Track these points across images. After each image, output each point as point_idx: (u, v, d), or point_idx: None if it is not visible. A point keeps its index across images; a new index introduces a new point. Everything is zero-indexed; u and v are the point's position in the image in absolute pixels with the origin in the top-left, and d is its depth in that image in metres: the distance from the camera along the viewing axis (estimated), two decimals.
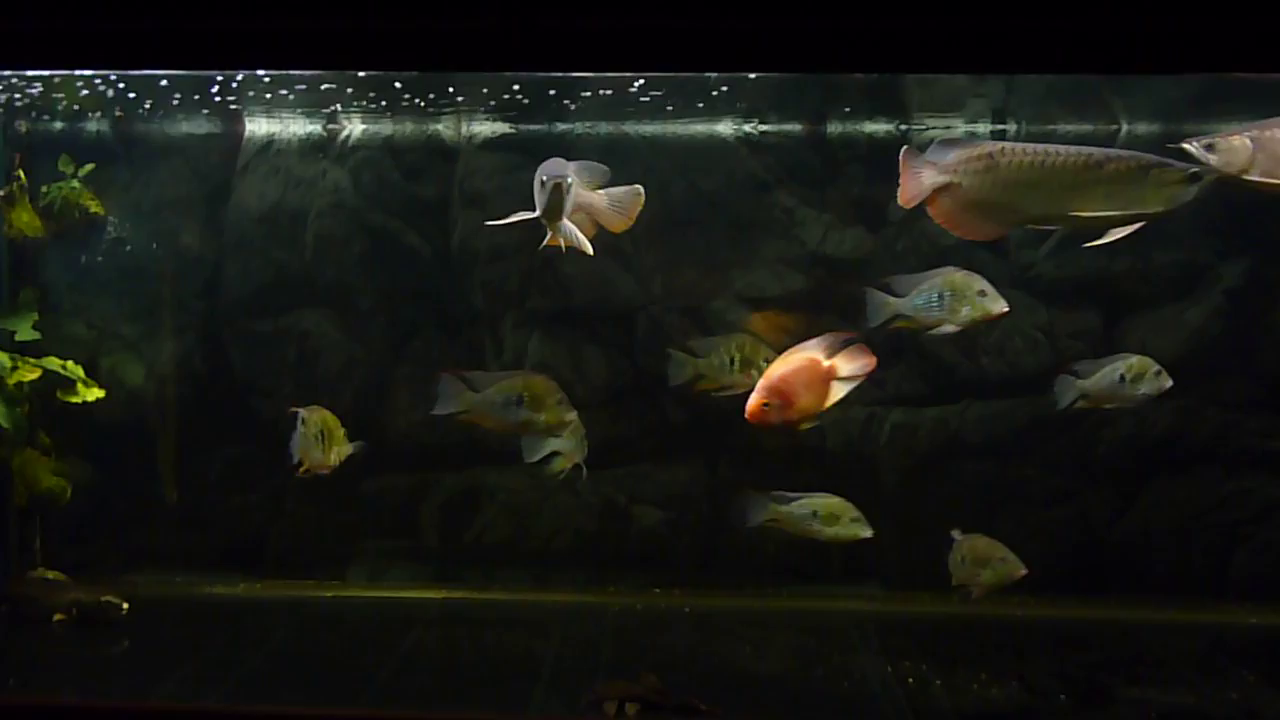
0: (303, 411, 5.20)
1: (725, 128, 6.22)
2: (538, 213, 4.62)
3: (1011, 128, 6.12)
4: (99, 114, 6.29)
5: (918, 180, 4.35)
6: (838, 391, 4.71)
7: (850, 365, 4.72)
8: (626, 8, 3.51)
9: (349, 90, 5.77)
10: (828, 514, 5.22)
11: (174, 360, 6.47)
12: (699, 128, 6.20)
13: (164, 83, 5.62)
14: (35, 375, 6.00)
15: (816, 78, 5.59)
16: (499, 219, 4.94)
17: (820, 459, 6.20)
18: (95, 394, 6.15)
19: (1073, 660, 5.30)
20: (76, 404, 6.10)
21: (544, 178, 4.56)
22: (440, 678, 5.00)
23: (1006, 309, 5.01)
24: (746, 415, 4.60)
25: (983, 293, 5.04)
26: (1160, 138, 5.92)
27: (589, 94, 5.75)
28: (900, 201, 4.45)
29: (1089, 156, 4.22)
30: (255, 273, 6.40)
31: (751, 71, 4.98)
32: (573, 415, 4.96)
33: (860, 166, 6.25)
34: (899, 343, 6.26)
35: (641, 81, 5.47)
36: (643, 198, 4.86)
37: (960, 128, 6.12)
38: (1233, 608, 5.95)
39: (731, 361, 5.32)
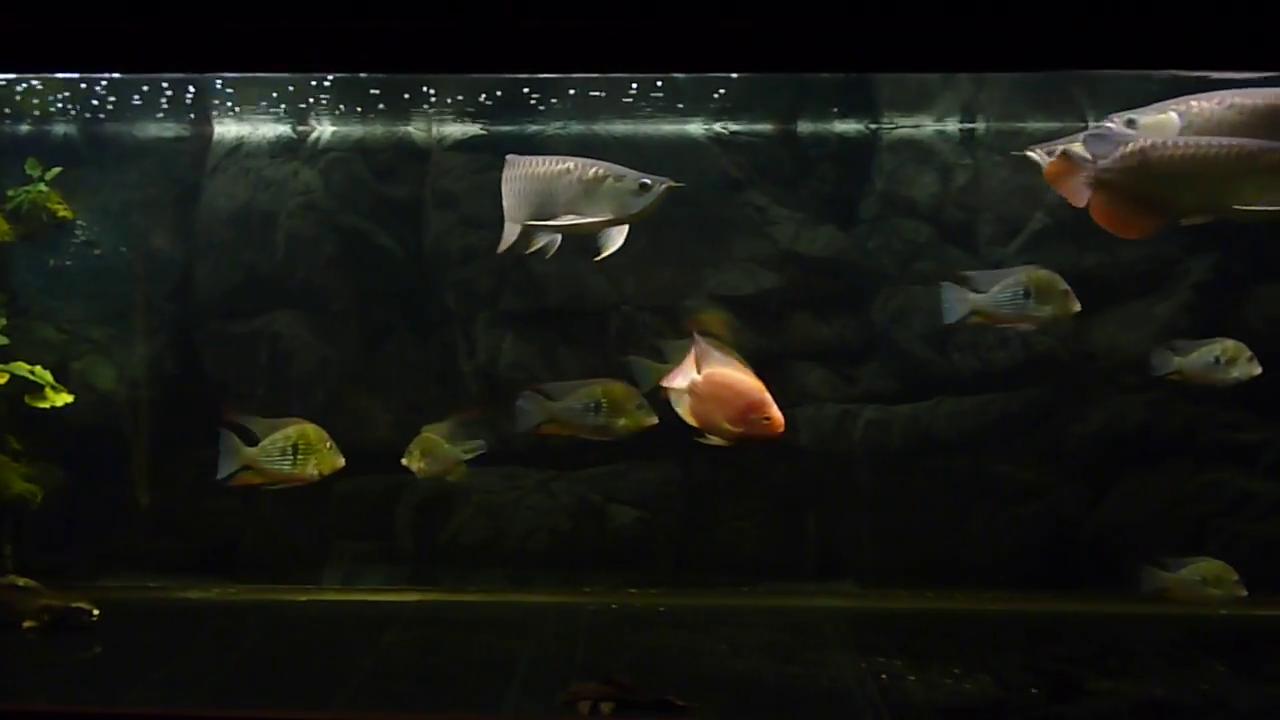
0: (251, 423, 5.12)
1: (696, 127, 6.23)
2: (630, 215, 4.55)
3: (980, 125, 6.16)
4: (66, 116, 6.24)
5: (1078, 178, 4.30)
6: None
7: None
8: (598, 9, 3.51)
9: (319, 91, 5.75)
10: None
11: (145, 363, 6.43)
12: (670, 127, 6.21)
13: (132, 84, 5.59)
14: (3, 380, 5.95)
15: (787, 77, 5.62)
16: (566, 225, 4.78)
17: (794, 457, 6.22)
18: (64, 399, 6.09)
19: (1045, 653, 5.33)
20: (45, 409, 6.05)
21: (647, 180, 4.47)
22: (415, 680, 4.98)
23: (1079, 309, 5.06)
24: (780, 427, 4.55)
25: (1065, 292, 5.11)
26: None
27: (561, 94, 5.76)
28: (1074, 203, 4.37)
29: (1243, 148, 4.13)
30: (226, 274, 6.37)
31: (722, 72, 5.00)
32: (653, 419, 4.95)
33: (831, 165, 6.28)
34: (871, 340, 6.30)
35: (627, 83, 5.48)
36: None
37: (929, 126, 6.16)
38: None
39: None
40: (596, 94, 5.72)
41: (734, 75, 5.32)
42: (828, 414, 6.24)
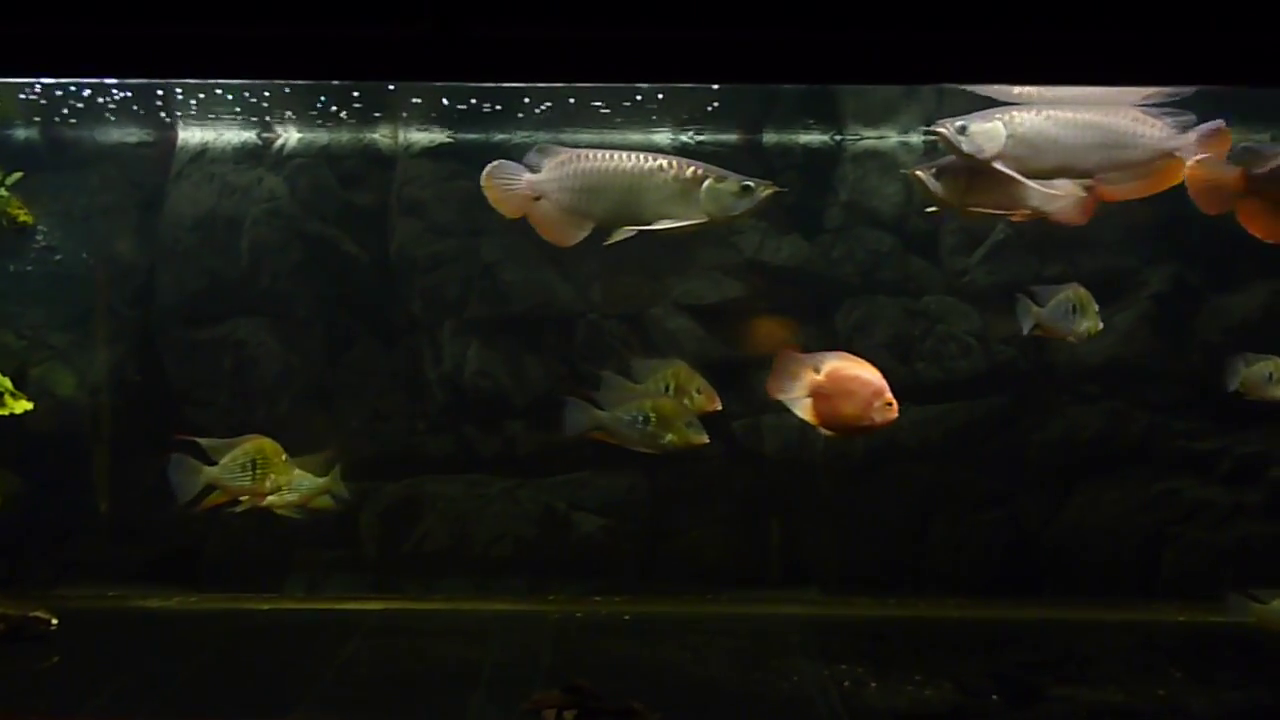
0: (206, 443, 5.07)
1: (662, 137, 6.25)
2: (728, 217, 4.44)
3: None
4: (28, 121, 6.19)
5: (1221, 186, 4.32)
6: None
7: None
8: (562, 19, 3.52)
9: (284, 97, 5.74)
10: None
11: (106, 370, 6.38)
12: (637, 137, 6.24)
13: (95, 89, 5.55)
14: None
15: (753, 88, 5.65)
16: (661, 228, 4.52)
17: (758, 465, 6.25)
18: (23, 406, 6.03)
19: (1005, 660, 5.39)
20: (3, 416, 5.99)
21: (750, 183, 4.37)
22: (378, 688, 4.96)
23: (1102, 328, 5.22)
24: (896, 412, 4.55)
25: (1096, 310, 5.25)
26: None
27: (529, 103, 5.77)
28: (1206, 210, 4.39)
29: None
30: (189, 281, 6.33)
31: (685, 83, 5.02)
32: (703, 438, 4.87)
33: (796, 175, 6.32)
34: (834, 348, 6.33)
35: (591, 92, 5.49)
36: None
37: (893, 137, 6.22)
38: (1162, 606, 6.09)
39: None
40: (569, 102, 5.72)
41: (698, 86, 5.34)
42: (791, 422, 6.22)
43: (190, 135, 6.32)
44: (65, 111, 5.96)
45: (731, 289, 6.27)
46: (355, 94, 5.66)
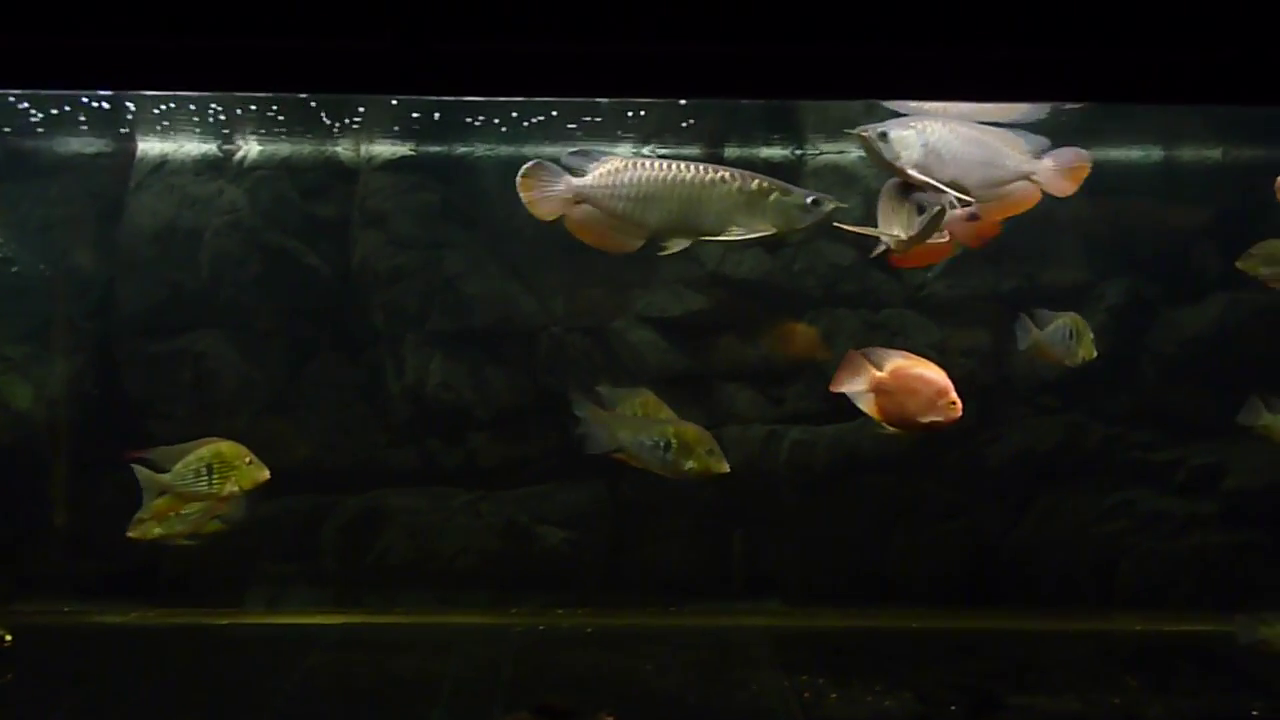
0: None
1: (624, 150, 6.27)
2: (793, 231, 4.36)
3: None
4: None
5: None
6: None
7: None
8: (524, 33, 3.54)
9: (247, 110, 5.72)
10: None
11: (64, 382, 6.31)
12: (599, 150, 6.23)
13: (52, 100, 5.51)
14: None
15: (715, 102, 5.69)
16: (725, 239, 4.41)
17: (721, 477, 6.25)
18: None
19: (965, 669, 5.42)
20: None
21: (816, 197, 4.29)
22: (337, 703, 4.94)
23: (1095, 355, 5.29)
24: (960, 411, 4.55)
25: (1091, 339, 5.31)
26: None
27: (488, 116, 5.78)
28: None
29: None
30: (149, 293, 6.28)
31: (646, 97, 5.05)
32: (724, 467, 4.89)
33: None
34: (796, 362, 6.39)
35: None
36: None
37: (853, 152, 6.27)
38: (1118, 615, 6.16)
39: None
40: (533, 115, 5.74)
41: (660, 100, 5.37)
42: (754, 434, 6.31)
43: (150, 146, 6.28)
44: (23, 122, 5.90)
45: (694, 302, 6.30)
46: (314, 104, 5.65)
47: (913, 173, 4.14)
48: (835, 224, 4.73)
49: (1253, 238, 5.57)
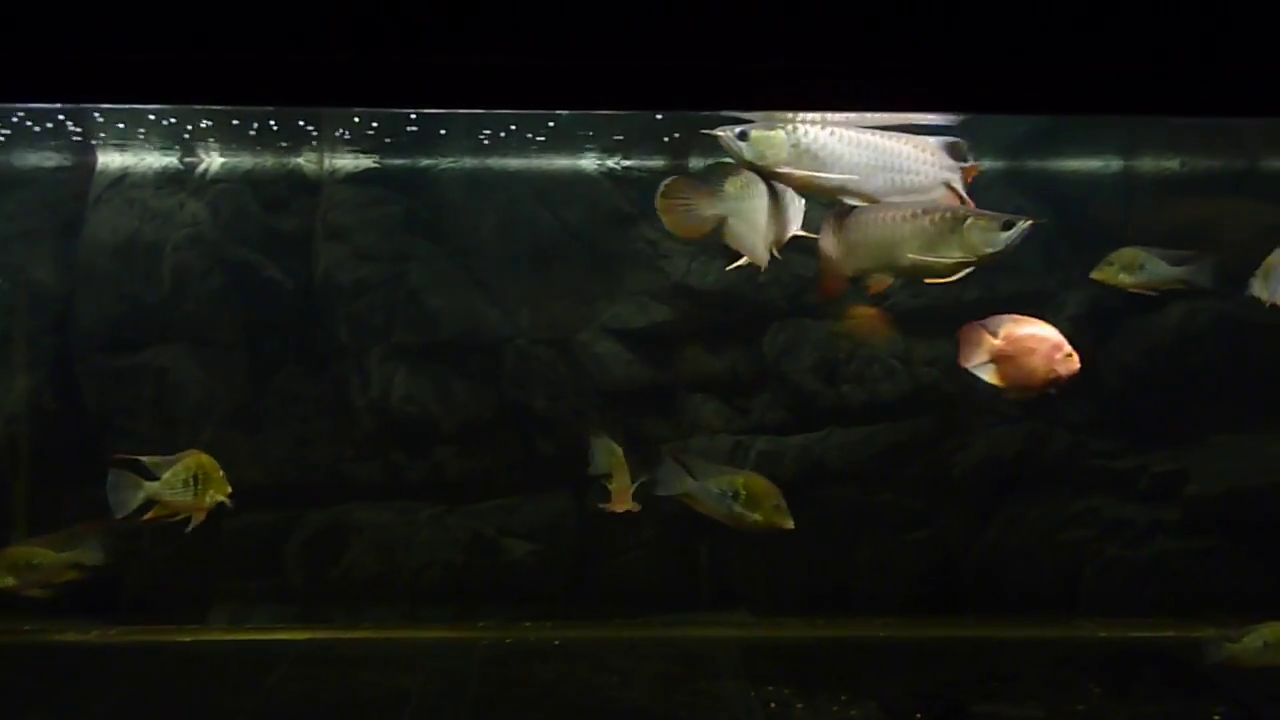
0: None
1: (589, 162, 6.29)
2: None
3: None
4: None
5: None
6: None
7: None
8: (482, 46, 3.54)
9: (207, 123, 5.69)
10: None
11: (24, 397, 6.24)
12: (563, 162, 6.27)
13: (9, 113, 5.46)
14: None
15: (679, 114, 5.71)
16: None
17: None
18: None
19: (930, 678, 5.45)
20: None
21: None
22: None
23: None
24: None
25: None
26: (1004, 174, 6.22)
27: (453, 128, 5.78)
28: None
29: None
30: (109, 307, 6.23)
31: (602, 109, 5.05)
32: (788, 522, 4.91)
33: None
34: (762, 372, 6.40)
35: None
36: None
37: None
38: (1082, 622, 6.20)
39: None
40: (491, 126, 5.74)
41: (623, 113, 5.38)
42: (720, 445, 6.31)
43: (110, 160, 6.24)
44: None
45: (659, 313, 6.31)
46: (280, 119, 5.63)
47: (788, 171, 4.12)
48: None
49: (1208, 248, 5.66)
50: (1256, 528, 6.23)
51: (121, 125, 5.70)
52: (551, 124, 5.65)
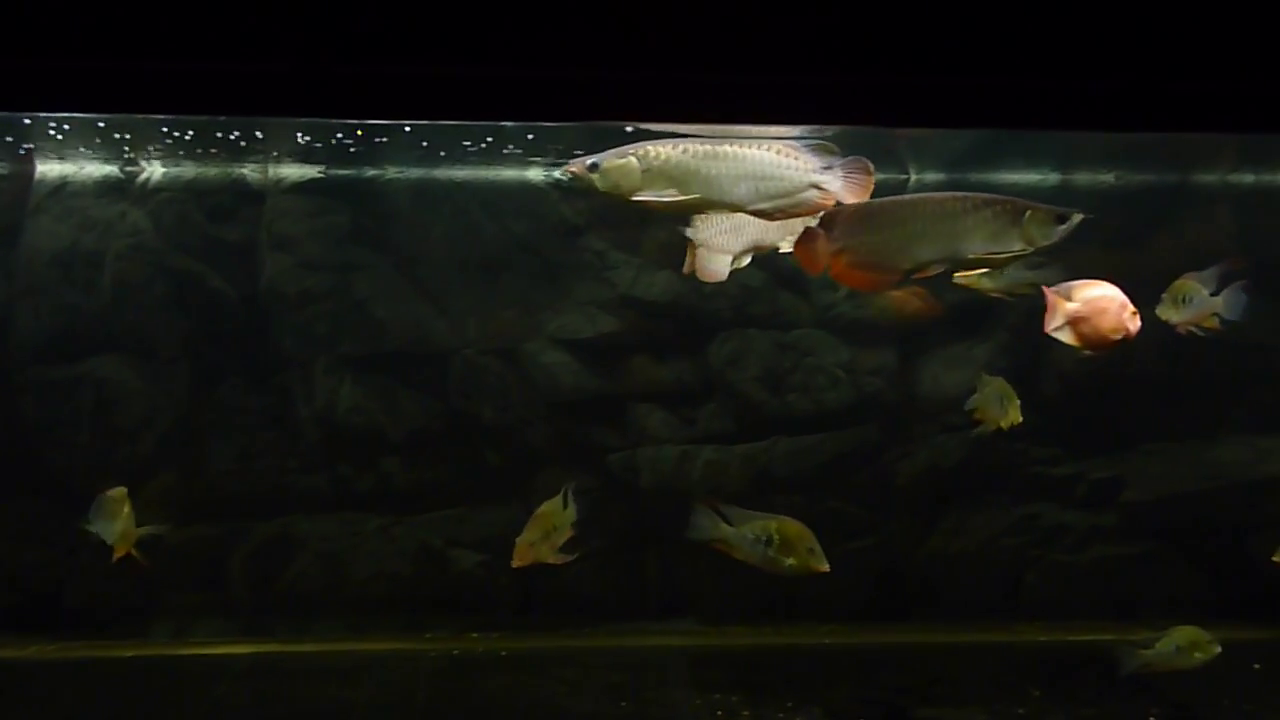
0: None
1: (536, 173, 6.31)
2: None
3: None
4: None
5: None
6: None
7: None
8: (425, 57, 3.54)
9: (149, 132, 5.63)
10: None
11: None
12: (510, 173, 6.28)
13: None
14: None
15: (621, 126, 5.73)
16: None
17: (634, 497, 6.30)
18: None
19: (874, 684, 5.51)
20: None
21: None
22: None
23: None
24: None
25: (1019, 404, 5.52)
26: (946, 185, 6.32)
27: (399, 138, 5.76)
28: None
29: None
30: (48, 318, 6.14)
31: (549, 121, 5.07)
32: (823, 566, 4.88)
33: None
34: (708, 382, 6.45)
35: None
36: None
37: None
38: (1023, 626, 6.29)
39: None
40: (437, 137, 5.74)
41: (568, 124, 5.41)
42: (667, 454, 6.34)
43: (49, 168, 6.15)
44: None
45: (606, 324, 6.33)
46: (223, 128, 5.58)
47: (645, 198, 4.14)
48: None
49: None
50: (1190, 532, 6.38)
51: (60, 134, 5.62)
52: (491, 139, 5.67)
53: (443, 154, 5.98)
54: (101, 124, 5.48)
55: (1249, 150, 6.14)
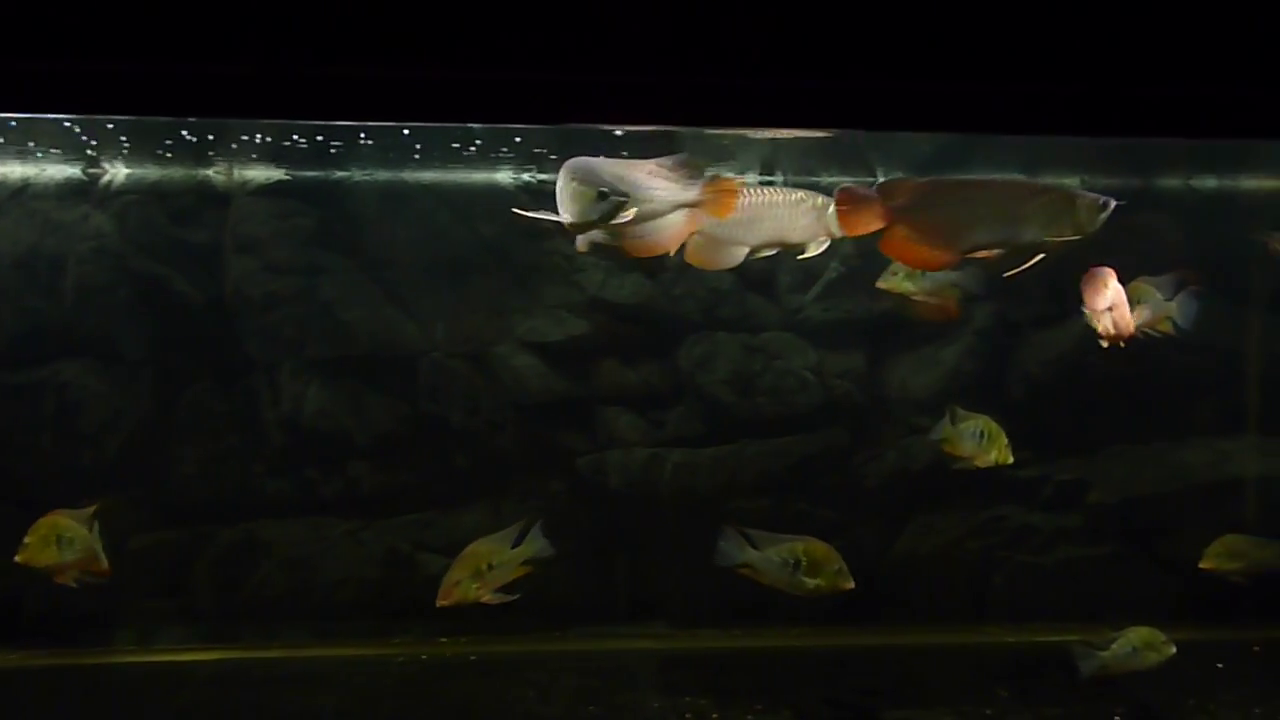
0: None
1: (504, 176, 6.29)
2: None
3: (779, 178, 6.41)
4: None
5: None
6: None
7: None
8: (388, 59, 3.53)
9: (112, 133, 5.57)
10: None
11: None
12: (479, 175, 6.26)
13: None
14: None
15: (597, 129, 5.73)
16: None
17: (604, 500, 6.29)
18: None
19: (844, 686, 5.53)
20: None
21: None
22: None
23: None
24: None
25: (1007, 444, 5.52)
26: None
27: (366, 140, 5.73)
28: None
29: None
30: (8, 322, 6.06)
31: (514, 123, 5.06)
32: (849, 583, 4.93)
33: None
34: (677, 385, 6.45)
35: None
36: None
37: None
38: (990, 628, 6.34)
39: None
40: (403, 139, 5.70)
41: (538, 127, 5.40)
42: (636, 457, 6.34)
43: (10, 170, 6.07)
44: None
45: (575, 327, 6.32)
46: (185, 133, 5.53)
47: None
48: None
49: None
50: (1154, 533, 6.45)
51: (21, 134, 5.55)
52: (458, 141, 5.65)
53: (416, 156, 5.95)
54: (68, 124, 5.43)
55: (1208, 154, 6.22)
